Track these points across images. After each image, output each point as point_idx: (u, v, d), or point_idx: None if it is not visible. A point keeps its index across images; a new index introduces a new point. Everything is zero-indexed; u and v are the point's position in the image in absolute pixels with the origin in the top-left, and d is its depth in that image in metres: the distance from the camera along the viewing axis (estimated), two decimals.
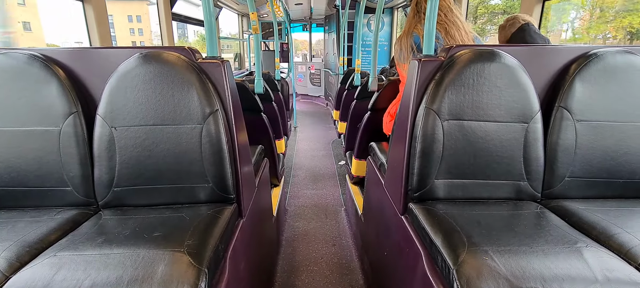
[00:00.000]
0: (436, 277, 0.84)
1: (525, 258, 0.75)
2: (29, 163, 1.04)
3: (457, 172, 1.08)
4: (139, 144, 1.03)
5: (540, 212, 0.99)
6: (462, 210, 1.00)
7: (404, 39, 1.62)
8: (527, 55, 1.10)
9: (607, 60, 1.06)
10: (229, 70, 1.11)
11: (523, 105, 1.05)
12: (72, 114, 1.03)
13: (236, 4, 5.68)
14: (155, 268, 0.71)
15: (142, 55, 1.03)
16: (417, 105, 1.08)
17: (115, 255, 0.76)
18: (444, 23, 1.53)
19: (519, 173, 1.08)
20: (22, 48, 1.07)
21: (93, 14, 1.83)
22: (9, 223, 0.93)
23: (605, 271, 0.72)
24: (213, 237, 0.87)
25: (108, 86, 1.02)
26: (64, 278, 0.69)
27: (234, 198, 1.11)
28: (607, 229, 0.88)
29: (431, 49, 1.12)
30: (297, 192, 3.09)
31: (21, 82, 1.02)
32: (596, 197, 1.12)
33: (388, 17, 6.15)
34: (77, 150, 1.04)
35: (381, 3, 2.26)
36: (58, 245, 0.81)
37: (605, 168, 1.10)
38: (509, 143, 1.06)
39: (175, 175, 1.05)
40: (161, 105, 1.02)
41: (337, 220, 2.52)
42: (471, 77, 1.03)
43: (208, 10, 1.10)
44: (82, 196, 1.07)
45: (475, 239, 0.82)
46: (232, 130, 1.10)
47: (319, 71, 8.79)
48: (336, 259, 2.03)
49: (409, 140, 1.09)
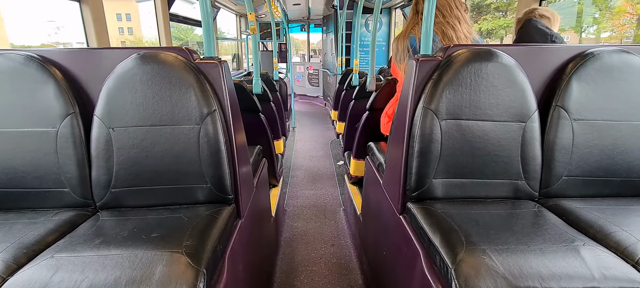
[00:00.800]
0: (434, 276, 0.84)
1: (523, 257, 0.75)
2: (26, 164, 1.04)
3: (455, 172, 1.08)
4: (136, 144, 1.03)
5: (537, 211, 0.99)
6: (460, 209, 1.00)
7: (401, 41, 1.62)
8: (524, 55, 1.10)
9: (604, 60, 1.07)
10: (227, 71, 1.11)
11: (520, 104, 1.05)
12: (69, 115, 1.03)
13: (234, 5, 5.68)
14: (154, 269, 0.71)
15: (140, 55, 1.02)
16: (415, 105, 1.08)
17: (113, 256, 0.75)
18: (441, 24, 1.51)
19: (516, 172, 1.08)
20: (19, 49, 1.07)
21: (90, 14, 1.83)
22: (6, 224, 0.93)
23: (603, 269, 0.72)
24: (211, 238, 0.87)
25: (105, 87, 1.02)
26: (61, 279, 0.69)
27: (232, 198, 1.10)
28: (604, 227, 0.88)
29: (429, 48, 1.13)
30: (295, 192, 3.08)
31: (18, 83, 1.01)
32: (593, 195, 1.12)
33: (386, 17, 6.16)
34: (75, 151, 1.04)
35: (379, 3, 2.26)
36: (55, 247, 0.81)
37: (602, 167, 1.10)
38: (507, 142, 1.06)
39: (173, 175, 1.05)
40: (159, 106, 1.01)
41: (335, 220, 2.52)
42: (468, 76, 1.03)
43: (205, 10, 1.10)
44: (79, 197, 1.07)
45: (473, 238, 0.82)
46: (230, 130, 1.09)
47: (317, 71, 8.79)
48: (335, 259, 2.03)
49: (407, 140, 1.09)
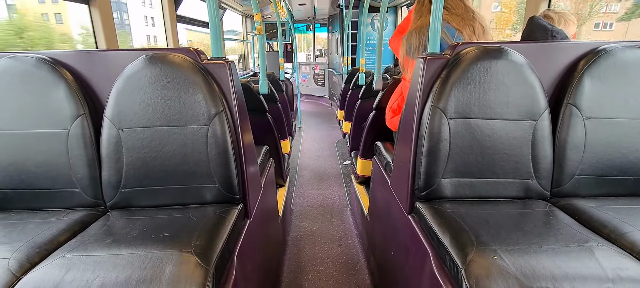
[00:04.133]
0: (444, 276, 0.83)
1: (535, 257, 0.73)
2: (38, 165, 1.06)
3: (465, 171, 1.07)
4: (145, 145, 1.04)
5: (549, 211, 0.98)
6: (470, 209, 0.99)
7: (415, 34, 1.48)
8: (534, 52, 1.08)
9: (617, 56, 1.04)
10: (234, 71, 1.12)
11: (531, 102, 1.03)
12: (79, 116, 1.05)
13: (240, 6, 5.70)
14: (164, 269, 0.72)
15: (148, 57, 1.03)
16: (423, 104, 1.07)
17: (124, 255, 0.76)
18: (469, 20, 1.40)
19: (527, 171, 1.06)
20: (30, 51, 1.09)
21: (99, 16, 1.85)
22: (19, 224, 0.95)
23: (618, 270, 0.70)
24: (220, 238, 0.88)
25: (115, 88, 1.03)
26: (73, 278, 0.70)
27: (240, 198, 1.11)
28: (619, 227, 0.86)
29: (437, 46, 1.12)
30: (302, 192, 3.09)
31: (29, 85, 1.03)
32: (606, 195, 1.10)
33: (392, 16, 6.12)
34: (85, 152, 1.06)
35: (385, 2, 2.24)
36: (67, 246, 0.82)
37: (615, 166, 1.08)
38: (517, 141, 1.05)
39: (181, 175, 1.06)
40: (167, 106, 1.02)
41: (342, 220, 2.52)
42: (478, 74, 1.02)
43: (213, 11, 1.11)
44: (90, 197, 1.08)
45: (483, 238, 0.81)
46: (238, 130, 1.10)
47: (323, 71, 8.79)
48: (342, 259, 2.03)
49: (415, 139, 1.08)
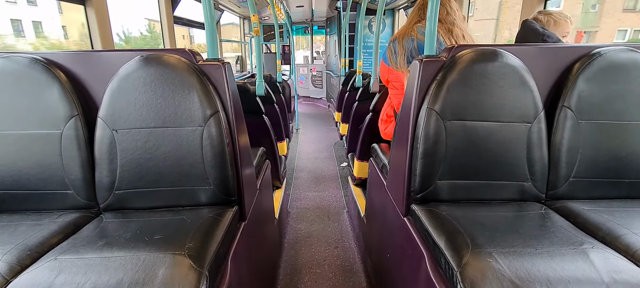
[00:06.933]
0: (440, 279, 0.83)
1: (530, 260, 0.73)
2: (30, 166, 1.04)
3: (460, 173, 1.07)
4: (140, 146, 1.03)
5: (544, 213, 0.98)
6: (466, 211, 0.99)
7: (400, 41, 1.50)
8: (529, 55, 1.09)
9: (611, 59, 1.05)
10: (230, 72, 1.11)
11: (526, 105, 1.04)
12: (73, 117, 1.04)
13: (237, 7, 5.70)
14: (156, 272, 0.71)
15: (143, 57, 1.03)
16: (419, 106, 1.07)
17: (116, 258, 0.75)
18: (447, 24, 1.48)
19: (522, 173, 1.07)
20: (24, 52, 1.07)
21: (95, 16, 1.84)
22: (10, 226, 0.93)
23: (612, 273, 0.70)
24: (214, 240, 0.87)
25: (109, 89, 1.03)
26: (64, 281, 0.69)
27: (235, 200, 1.10)
28: (614, 230, 0.86)
29: (433, 49, 1.12)
30: (299, 194, 3.08)
31: (23, 85, 1.02)
32: (601, 197, 1.10)
33: (389, 19, 6.14)
34: (79, 153, 1.04)
35: (382, 4, 2.25)
36: (59, 249, 0.81)
37: (610, 169, 1.08)
38: (513, 143, 1.05)
39: (176, 177, 1.05)
40: (162, 108, 1.02)
41: (339, 222, 2.51)
42: (473, 77, 1.02)
43: (208, 12, 1.10)
44: (83, 199, 1.07)
45: (479, 241, 0.81)
46: (233, 132, 1.09)
47: (320, 73, 8.80)
48: (339, 261, 2.02)
49: (411, 141, 1.08)
